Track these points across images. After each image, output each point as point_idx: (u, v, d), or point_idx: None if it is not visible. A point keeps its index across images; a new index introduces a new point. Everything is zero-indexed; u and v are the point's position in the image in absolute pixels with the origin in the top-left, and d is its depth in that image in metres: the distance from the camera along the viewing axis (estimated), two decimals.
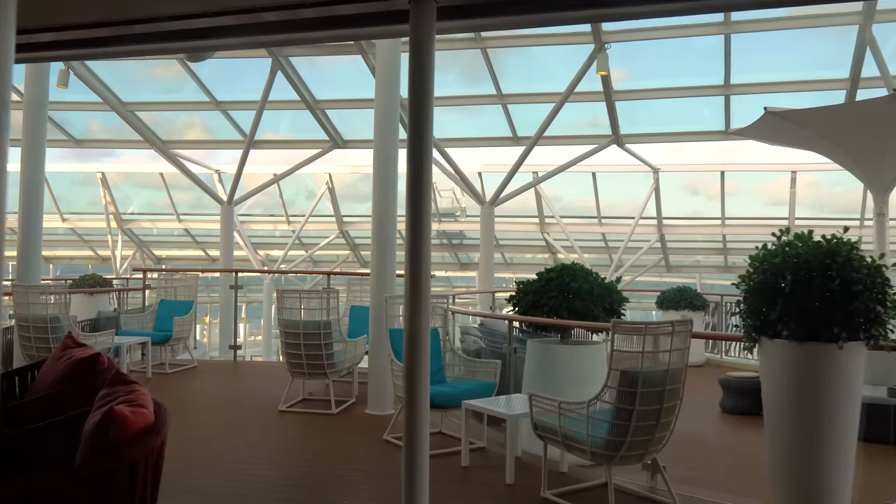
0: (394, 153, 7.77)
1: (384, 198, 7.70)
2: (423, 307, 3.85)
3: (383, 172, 7.71)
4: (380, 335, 7.56)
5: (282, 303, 7.45)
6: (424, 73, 3.75)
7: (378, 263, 7.66)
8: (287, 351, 7.47)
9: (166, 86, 15.19)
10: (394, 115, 7.84)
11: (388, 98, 7.79)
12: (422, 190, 3.78)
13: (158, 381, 9.13)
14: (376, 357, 7.62)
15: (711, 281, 27.96)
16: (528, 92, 13.93)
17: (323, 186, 21.15)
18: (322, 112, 14.46)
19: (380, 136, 7.74)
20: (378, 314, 7.56)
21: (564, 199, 22.31)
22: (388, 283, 7.61)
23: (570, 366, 6.45)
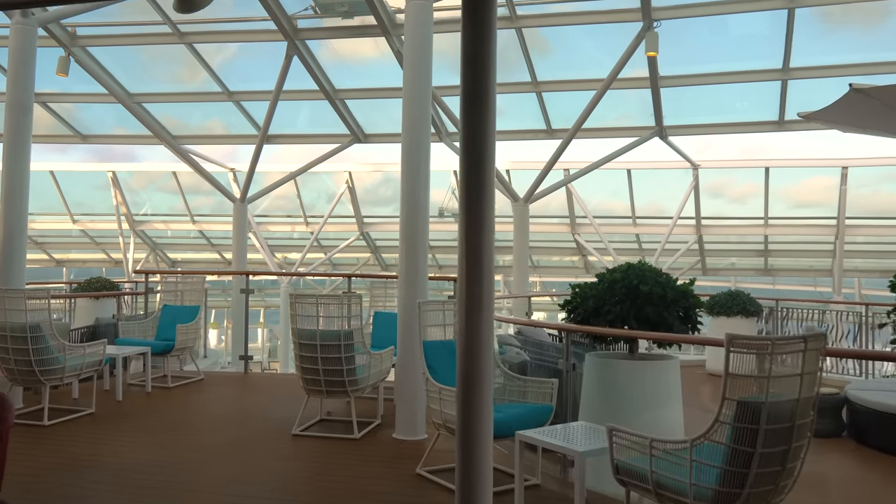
0: (425, 146, 6.74)
1: (414, 195, 6.66)
2: (484, 316, 2.78)
3: (412, 167, 6.69)
4: (410, 347, 6.51)
5: (295, 309, 6.39)
6: (485, 40, 2.65)
7: (407, 265, 6.60)
8: (301, 365, 6.42)
9: (175, 74, 14.23)
10: (424, 105, 6.80)
11: (417, 86, 6.75)
12: (483, 180, 2.73)
13: (159, 396, 8.11)
14: (405, 371, 6.56)
15: (749, 284, 26.69)
16: (566, 79, 12.80)
17: (342, 186, 20.13)
18: (342, 102, 13.42)
19: (409, 129, 6.73)
20: (408, 322, 6.51)
21: (596, 197, 21.13)
22: (418, 286, 6.54)
23: (640, 386, 5.37)
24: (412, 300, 6.50)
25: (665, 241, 19.41)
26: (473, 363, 2.78)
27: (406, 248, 6.62)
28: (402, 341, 6.57)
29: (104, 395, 7.95)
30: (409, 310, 6.51)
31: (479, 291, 2.80)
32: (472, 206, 2.68)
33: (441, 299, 6.18)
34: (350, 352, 6.33)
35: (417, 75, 6.75)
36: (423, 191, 6.69)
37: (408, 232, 6.62)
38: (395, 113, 15.01)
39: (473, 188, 2.68)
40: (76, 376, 7.01)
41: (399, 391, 6.63)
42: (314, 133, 15.38)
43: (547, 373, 7.10)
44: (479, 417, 2.83)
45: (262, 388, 8.93)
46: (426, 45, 6.77)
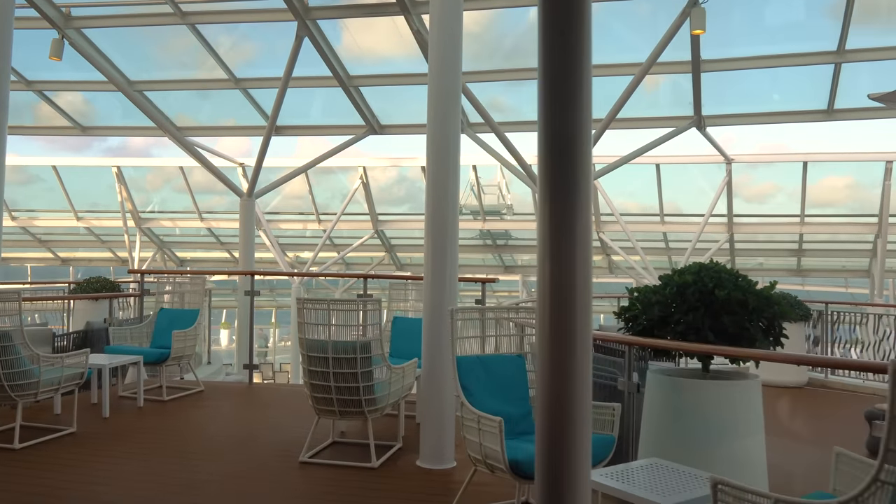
0: (454, 136, 5.82)
1: (442, 188, 5.74)
2: (579, 329, 1.91)
3: (440, 158, 5.79)
4: (437, 360, 5.60)
5: (303, 315, 5.47)
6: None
7: (434, 265, 5.67)
8: (311, 381, 5.50)
9: (179, 60, 13.35)
10: (454, 92, 5.88)
11: (445, 70, 5.83)
12: (578, 175, 1.95)
13: (151, 412, 7.22)
14: (432, 388, 5.64)
15: (790, 286, 25.60)
16: (597, 63, 11.81)
17: (356, 181, 19.23)
18: (356, 90, 12.51)
19: (436, 119, 5.81)
20: (434, 331, 5.60)
21: (622, 193, 20.10)
22: (447, 290, 5.61)
23: (716, 411, 4.44)
24: (440, 305, 5.59)
25: (696, 240, 18.40)
26: (565, 394, 1.92)
27: (433, 246, 5.70)
28: (428, 353, 5.65)
29: (90, 410, 7.08)
30: (436, 316, 5.60)
31: (571, 298, 1.94)
32: (564, 200, 1.92)
33: (476, 306, 5.22)
34: (367, 366, 5.41)
35: (445, 58, 5.83)
36: (451, 184, 5.76)
37: (435, 229, 5.69)
38: (414, 101, 14.17)
39: (566, 182, 1.94)
40: (54, 391, 6.12)
41: (424, 411, 5.70)
42: (327, 124, 14.49)
43: (597, 391, 6.17)
44: (574, 472, 1.97)
45: (266, 403, 8.02)
46: (455, 24, 5.85)
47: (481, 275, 27.48)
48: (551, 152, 2.14)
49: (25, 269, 26.82)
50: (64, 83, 13.23)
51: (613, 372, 7.57)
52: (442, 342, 5.56)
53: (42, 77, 13.12)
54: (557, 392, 1.90)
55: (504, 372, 4.78)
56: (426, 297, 5.68)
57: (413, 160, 18.87)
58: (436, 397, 5.60)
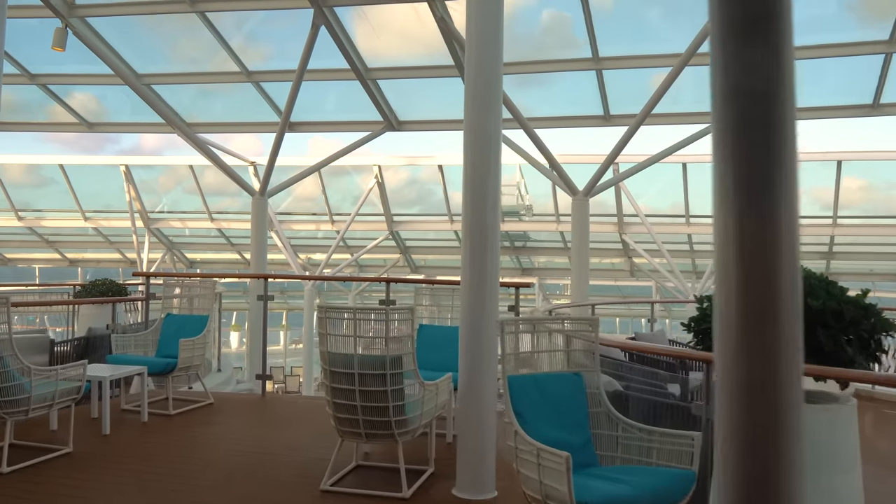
0: (494, 130, 5.20)
1: (482, 185, 5.12)
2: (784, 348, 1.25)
3: (480, 154, 5.16)
4: (476, 376, 4.96)
5: (325, 325, 4.84)
6: None
7: (473, 270, 5.02)
8: (334, 400, 4.86)
9: (188, 53, 12.76)
10: (495, 81, 5.27)
11: (486, 59, 5.23)
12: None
13: (156, 428, 6.61)
14: (471, 408, 5.00)
15: None
16: (632, 54, 11.16)
17: (371, 181, 18.61)
18: (374, 83, 11.89)
19: (475, 111, 5.19)
20: (474, 344, 4.95)
21: (646, 193, 19.39)
22: (487, 297, 4.97)
23: (809, 441, 3.75)
24: (479, 314, 4.95)
25: None
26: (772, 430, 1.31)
27: (471, 248, 5.05)
28: (466, 367, 5.01)
29: (89, 426, 6.47)
30: (475, 326, 4.96)
31: (775, 307, 1.31)
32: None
33: (531, 317, 4.56)
34: (398, 383, 4.77)
35: (486, 46, 5.22)
36: (492, 183, 5.13)
37: (474, 231, 5.05)
38: (434, 96, 13.56)
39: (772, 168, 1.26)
40: (47, 407, 5.51)
41: (462, 434, 5.06)
42: (342, 120, 13.87)
43: (655, 411, 5.53)
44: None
45: (281, 418, 7.38)
46: (497, 7, 5.22)
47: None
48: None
49: (33, 270, 26.35)
50: (69, 76, 12.67)
51: (661, 386, 6.91)
52: (482, 356, 4.93)
53: (46, 70, 12.55)
54: (758, 427, 1.26)
55: (560, 393, 4.14)
56: (464, 304, 5.03)
57: (430, 158, 18.26)
58: (475, 418, 4.95)
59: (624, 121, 12.47)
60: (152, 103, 12.00)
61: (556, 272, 24.68)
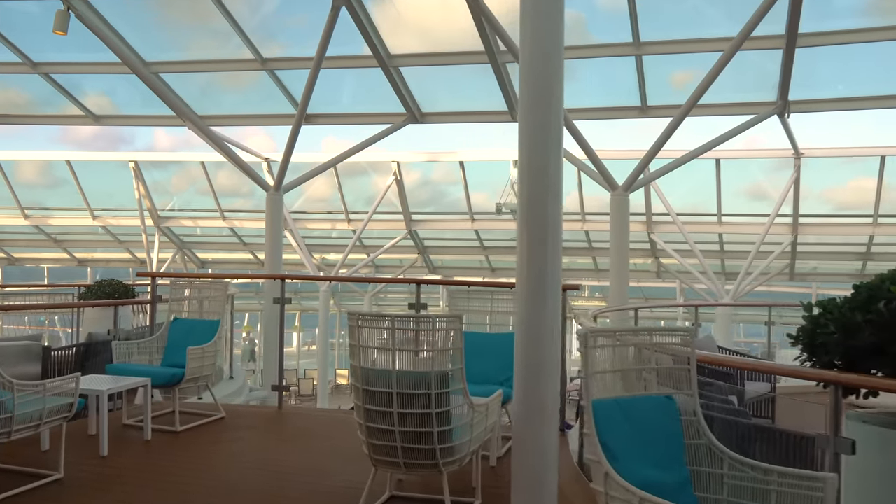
0: (556, 120, 4.44)
1: (542, 178, 4.35)
2: None
3: (538, 143, 4.39)
4: (535, 395, 4.19)
5: (358, 336, 4.08)
6: None
7: (531, 271, 4.26)
8: (368, 424, 4.10)
9: (197, 38, 12.05)
10: (556, 67, 4.52)
11: (545, 40, 4.47)
12: None
13: (160, 447, 5.87)
14: (529, 433, 4.22)
15: (835, 291, 23.87)
16: (674, 38, 10.35)
17: (389, 178, 17.86)
18: (396, 71, 11.14)
19: (534, 101, 4.43)
20: (533, 357, 4.19)
21: (675, 190, 18.52)
22: (549, 303, 4.20)
23: None
24: (538, 323, 4.19)
25: (760, 243, 16.86)
26: None
27: (529, 246, 4.29)
28: (524, 383, 4.23)
29: (85, 445, 5.74)
30: (533, 337, 4.20)
31: None
32: None
33: (616, 327, 3.74)
34: (445, 404, 4.01)
35: (545, 26, 4.45)
36: (554, 169, 4.37)
37: (533, 224, 4.29)
38: (461, 85, 12.78)
39: None
40: (33, 428, 4.77)
41: (518, 462, 4.28)
42: (361, 112, 13.11)
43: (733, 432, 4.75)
44: None
45: (302, 435, 6.62)
46: None
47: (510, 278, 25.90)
48: None
49: (42, 270, 25.76)
50: (73, 65, 11.95)
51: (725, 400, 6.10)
52: (543, 370, 4.17)
53: (49, 59, 11.86)
54: None
55: (651, 421, 3.37)
56: (521, 311, 4.27)
57: (451, 154, 17.49)
58: (534, 445, 4.18)
59: (662, 112, 11.69)
60: (161, 94, 11.27)
61: (577, 273, 23.89)
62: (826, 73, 11.41)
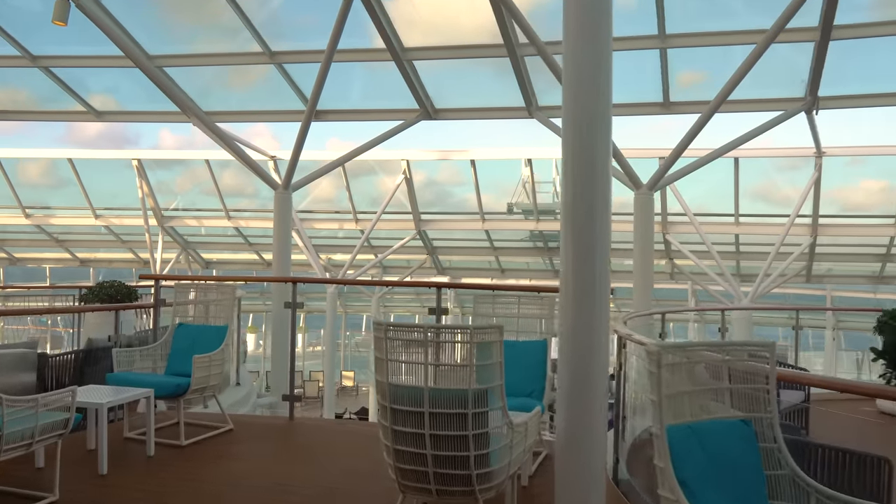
0: (604, 113, 4.05)
1: (589, 175, 3.99)
2: None
3: (585, 139, 4.05)
4: (583, 413, 3.77)
5: (385, 348, 3.65)
6: None
7: (578, 276, 3.85)
8: (395, 447, 3.67)
9: (203, 31, 11.63)
10: (604, 57, 4.13)
11: (592, 28, 4.10)
12: None
13: (164, 464, 5.44)
14: (574, 456, 3.80)
15: (855, 293, 23.42)
16: (701, 31, 9.90)
17: (399, 177, 17.43)
18: (410, 65, 10.71)
19: (582, 93, 4.07)
20: (581, 371, 3.76)
21: (691, 190, 18.04)
22: (597, 311, 3.79)
23: None
24: (586, 332, 3.79)
25: (780, 244, 16.38)
26: None
27: (575, 248, 3.88)
28: (570, 402, 3.82)
29: (84, 462, 5.32)
30: (581, 348, 3.78)
31: None
32: None
33: (685, 343, 3.27)
34: (483, 425, 3.57)
35: (593, 13, 4.07)
36: (602, 169, 3.96)
37: (579, 227, 3.89)
38: (476, 80, 12.33)
39: None
40: (25, 447, 4.34)
41: (563, 492, 3.86)
42: (372, 108, 12.67)
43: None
44: None
45: (316, 449, 6.18)
46: None
47: (524, 278, 25.50)
48: None
49: (44, 270, 25.36)
50: (73, 59, 11.53)
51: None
52: (591, 386, 3.74)
53: (48, 52, 11.44)
54: None
55: (726, 448, 2.93)
56: (566, 319, 3.84)
57: (463, 153, 17.05)
58: (580, 474, 3.76)
59: (685, 109, 11.26)
60: (166, 88, 10.84)
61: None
62: (854, 67, 10.95)
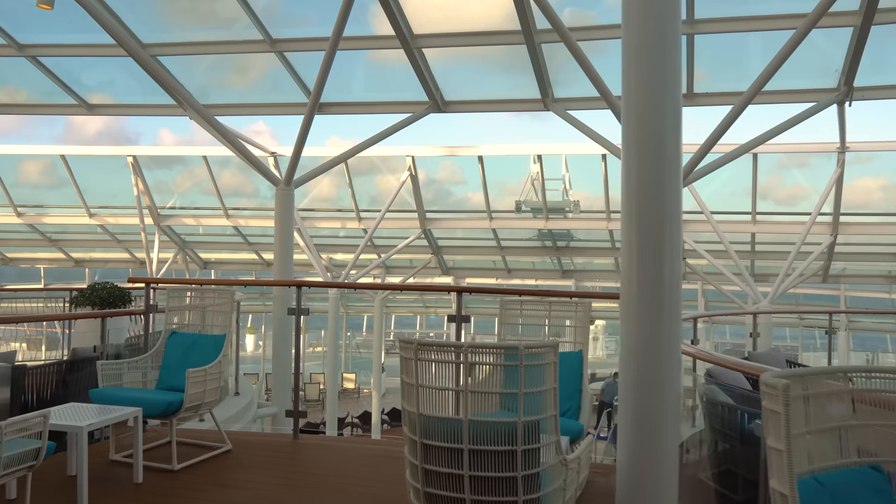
0: (674, 102, 3.46)
1: (657, 172, 3.41)
2: None
3: (649, 131, 3.50)
4: (650, 446, 3.14)
5: (415, 372, 3.02)
6: None
7: (644, 278, 3.22)
8: (427, 490, 3.05)
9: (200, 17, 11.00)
10: (672, 39, 3.53)
11: (658, 9, 3.48)
12: None
13: (153, 490, 4.81)
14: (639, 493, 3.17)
15: (871, 293, 22.83)
16: (729, 15, 9.27)
17: (404, 174, 16.79)
18: (419, 53, 10.08)
19: (644, 81, 3.51)
20: (646, 395, 3.14)
21: (706, 188, 17.40)
22: (665, 324, 3.16)
23: None
24: (654, 346, 3.17)
25: (801, 243, 15.75)
26: None
27: (639, 249, 3.27)
28: (634, 433, 3.19)
29: (62, 491, 4.70)
30: (647, 367, 3.16)
31: None
32: None
33: (818, 368, 2.64)
34: (535, 465, 2.95)
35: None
36: (672, 162, 3.35)
37: (644, 230, 3.28)
38: (487, 70, 11.69)
39: None
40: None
41: None
42: (378, 101, 12.03)
43: None
44: None
45: (326, 474, 5.55)
46: None
47: (530, 280, 24.84)
48: None
49: (38, 270, 24.72)
50: (62, 47, 10.90)
51: None
52: (662, 418, 3.12)
53: (35, 41, 10.81)
54: None
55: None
56: (629, 332, 3.24)
57: (471, 148, 16.42)
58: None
59: (709, 101, 10.64)
60: (161, 79, 10.19)
61: (596, 274, 22.86)
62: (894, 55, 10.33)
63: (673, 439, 3.20)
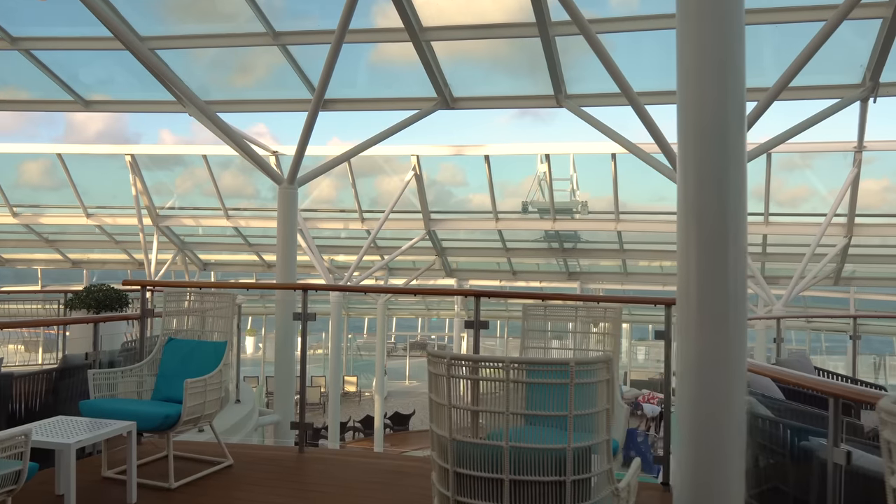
0: (737, 97, 3.10)
1: (719, 171, 3.05)
2: None
3: (708, 129, 3.08)
4: (711, 470, 2.74)
5: (443, 391, 2.62)
6: None
7: (707, 283, 2.83)
8: None
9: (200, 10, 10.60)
10: (736, 29, 3.17)
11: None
12: None
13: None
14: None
15: (881, 296, 22.44)
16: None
17: (409, 173, 16.41)
18: (428, 47, 9.69)
19: (704, 76, 3.09)
20: (712, 415, 2.75)
21: None
22: (732, 336, 2.77)
23: None
24: (721, 361, 2.75)
25: (816, 245, 15.36)
26: None
27: (699, 253, 2.91)
28: (695, 458, 2.79)
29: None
30: (711, 384, 2.78)
31: None
32: None
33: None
34: (585, 497, 2.56)
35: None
36: (736, 159, 3.00)
37: (706, 224, 2.92)
38: (496, 65, 11.29)
39: None
40: None
41: None
42: (384, 97, 11.64)
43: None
44: None
45: (335, 492, 5.15)
46: None
47: (534, 282, 24.44)
48: None
49: (35, 271, 24.31)
50: (57, 40, 10.49)
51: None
52: (731, 434, 2.73)
53: (30, 34, 10.41)
54: None
55: None
56: (689, 344, 2.83)
57: (478, 148, 16.03)
58: None
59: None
60: (160, 74, 9.79)
61: (602, 276, 22.46)
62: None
63: (739, 462, 2.82)
